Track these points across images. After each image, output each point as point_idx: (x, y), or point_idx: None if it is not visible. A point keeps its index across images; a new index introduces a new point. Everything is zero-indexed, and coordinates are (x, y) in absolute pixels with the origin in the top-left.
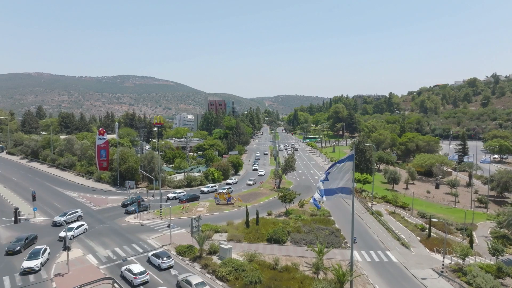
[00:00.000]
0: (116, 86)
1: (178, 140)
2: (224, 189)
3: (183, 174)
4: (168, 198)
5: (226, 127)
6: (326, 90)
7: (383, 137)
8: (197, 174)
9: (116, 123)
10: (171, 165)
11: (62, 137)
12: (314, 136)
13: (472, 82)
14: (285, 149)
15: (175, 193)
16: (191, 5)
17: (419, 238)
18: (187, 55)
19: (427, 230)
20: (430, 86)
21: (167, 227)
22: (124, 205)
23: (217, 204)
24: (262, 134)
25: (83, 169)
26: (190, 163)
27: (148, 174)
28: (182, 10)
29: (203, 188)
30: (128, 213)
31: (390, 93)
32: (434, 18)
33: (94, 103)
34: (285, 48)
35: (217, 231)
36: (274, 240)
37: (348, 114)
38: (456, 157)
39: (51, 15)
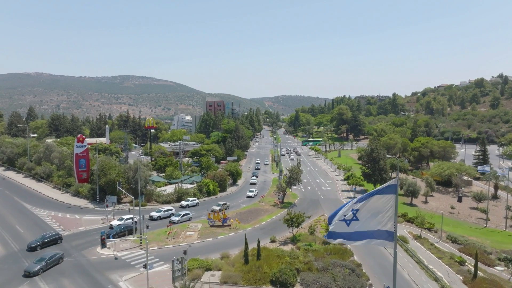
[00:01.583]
0: (115, 86)
1: (173, 144)
2: (179, 215)
3: (174, 185)
4: (111, 227)
5: (225, 130)
6: (327, 90)
7: (393, 142)
8: (189, 186)
9: (107, 127)
10: (162, 174)
11: (48, 141)
12: (317, 139)
13: (479, 83)
14: (287, 153)
15: (122, 219)
16: (191, 5)
17: (461, 277)
18: (187, 55)
19: (467, 265)
20: (435, 87)
21: (143, 267)
22: (30, 248)
23: (211, 226)
24: (262, 137)
25: (60, 180)
26: (183, 172)
27: (124, 190)
28: (182, 10)
29: (153, 213)
30: (28, 275)
31: (394, 94)
32: (436, 18)
33: (93, 103)
34: (285, 48)
35: (208, 269)
36: (280, 283)
37: (353, 116)
38: (488, 168)
39: (51, 15)
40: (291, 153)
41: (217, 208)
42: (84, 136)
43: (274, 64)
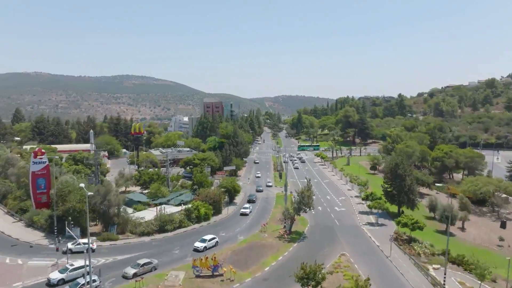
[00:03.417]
0: (115, 86)
1: (165, 151)
2: (78, 284)
3: (157, 208)
4: None
5: (222, 135)
6: (328, 90)
7: (410, 150)
8: (175, 210)
9: (91, 132)
10: (147, 191)
11: (26, 147)
12: (315, 144)
13: (491, 83)
14: (291, 160)
15: None
16: (191, 5)
17: None
18: (187, 55)
19: None
20: (442, 87)
21: None
22: None
23: (197, 276)
24: (263, 141)
25: (15, 204)
26: (171, 189)
27: (72, 229)
28: (182, 10)
29: (53, 275)
30: None
31: (401, 95)
32: (436, 18)
33: (92, 103)
34: (285, 48)
35: None
36: None
37: (360, 119)
38: None
39: (51, 15)
40: (295, 160)
41: (131, 272)
42: (44, 151)
43: (274, 64)
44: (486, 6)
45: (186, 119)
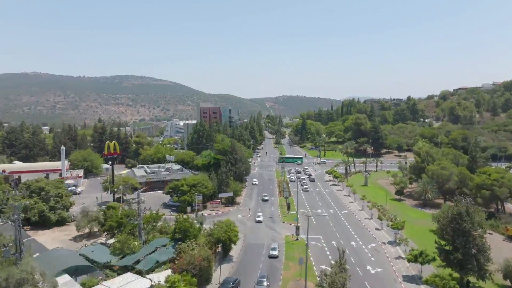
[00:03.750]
0: (114, 86)
1: (150, 170)
2: None
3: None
4: None
5: (218, 151)
6: (328, 90)
7: (446, 173)
8: (143, 286)
9: (62, 148)
10: (112, 240)
11: None
12: (298, 157)
13: (510, 85)
14: (297, 177)
15: None
16: (192, 5)
17: None
18: (187, 55)
19: None
20: (454, 90)
21: None
22: None
23: None
24: (266, 154)
25: None
26: (144, 239)
27: None
28: (183, 10)
29: None
30: None
31: (413, 99)
32: (437, 18)
33: (90, 104)
34: (285, 48)
35: None
36: None
37: (373, 127)
38: None
39: (51, 15)
40: (302, 178)
41: None
42: None
43: (274, 64)
44: (486, 6)
45: (182, 123)
